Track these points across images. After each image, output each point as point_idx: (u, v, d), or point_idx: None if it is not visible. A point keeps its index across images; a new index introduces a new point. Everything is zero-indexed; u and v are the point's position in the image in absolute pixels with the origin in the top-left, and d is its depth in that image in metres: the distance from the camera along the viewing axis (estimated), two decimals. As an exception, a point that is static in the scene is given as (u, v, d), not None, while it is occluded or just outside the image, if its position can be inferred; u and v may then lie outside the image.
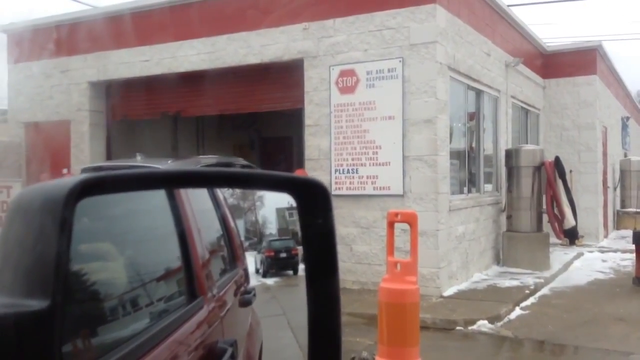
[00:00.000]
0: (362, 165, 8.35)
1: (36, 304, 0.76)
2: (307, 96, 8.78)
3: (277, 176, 1.16)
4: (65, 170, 10.79)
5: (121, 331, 1.05)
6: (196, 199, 1.43)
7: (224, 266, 1.63)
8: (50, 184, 0.91)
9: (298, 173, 7.98)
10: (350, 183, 8.43)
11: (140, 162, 7.69)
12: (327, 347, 1.13)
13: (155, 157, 9.76)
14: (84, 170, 8.01)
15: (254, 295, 1.61)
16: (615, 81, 17.01)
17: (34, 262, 0.80)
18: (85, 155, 10.87)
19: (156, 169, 1.07)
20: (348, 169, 8.45)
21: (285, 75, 9.21)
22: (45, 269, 0.78)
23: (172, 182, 1.15)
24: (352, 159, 8.42)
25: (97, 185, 0.88)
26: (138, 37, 10.27)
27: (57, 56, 11.04)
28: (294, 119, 11.28)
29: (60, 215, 0.80)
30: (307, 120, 8.81)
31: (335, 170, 8.53)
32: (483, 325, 6.55)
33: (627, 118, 19.34)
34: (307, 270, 1.16)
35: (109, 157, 11.25)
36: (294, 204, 1.18)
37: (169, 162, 7.95)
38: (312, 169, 8.67)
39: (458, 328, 6.54)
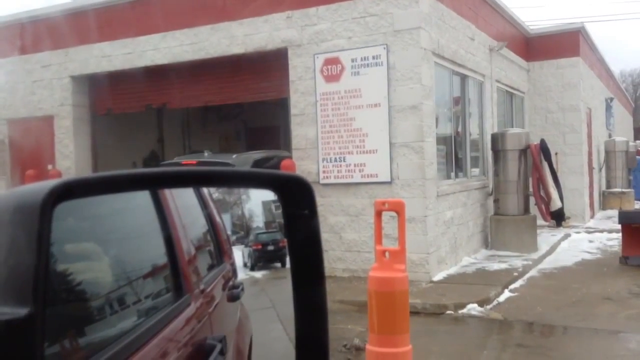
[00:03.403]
0: (349, 153, 8.35)
1: (11, 312, 0.75)
2: (292, 85, 8.74)
3: (259, 173, 1.15)
4: (50, 167, 10.69)
5: (109, 330, 1.05)
6: (181, 195, 1.42)
7: (211, 261, 1.63)
8: (19, 193, 0.89)
9: (285, 164, 7.97)
10: (338, 172, 8.43)
11: (208, 158, 8.23)
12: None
13: (220, 153, 10.09)
14: (162, 166, 8.46)
15: (242, 289, 1.61)
16: (598, 62, 17.11)
17: (7, 274, 0.79)
18: (70, 151, 10.78)
19: (131, 171, 1.04)
20: (335, 158, 8.45)
21: (270, 64, 9.16)
22: (19, 280, 0.77)
23: (149, 184, 1.12)
24: (339, 148, 8.41)
25: (67, 192, 0.87)
26: (120, 30, 10.16)
27: (38, 51, 10.89)
28: (280, 108, 11.27)
29: (37, 227, 0.79)
30: (293, 110, 8.79)
31: (323, 159, 8.53)
32: (473, 308, 6.61)
33: (611, 99, 19.48)
34: (293, 277, 1.14)
35: (94, 152, 11.17)
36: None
37: (233, 156, 8.37)
38: (300, 159, 8.66)
39: (448, 312, 6.60)
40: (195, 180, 1.18)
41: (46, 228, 0.80)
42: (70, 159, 10.75)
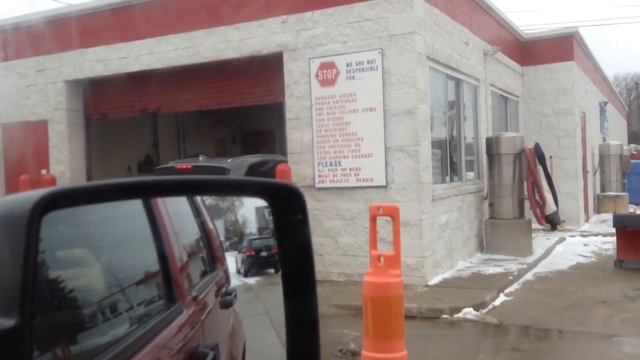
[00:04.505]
0: (344, 157, 8.35)
1: None
2: (288, 89, 8.75)
3: (250, 182, 1.14)
4: (44, 171, 10.65)
5: (101, 338, 1.04)
6: (173, 202, 1.42)
7: (204, 268, 1.62)
8: (5, 204, 0.88)
9: (281, 168, 7.96)
10: (333, 176, 8.43)
11: (203, 162, 8.41)
12: None
13: (216, 157, 10.24)
14: (156, 171, 8.69)
15: (235, 296, 1.61)
16: (592, 67, 17.19)
17: None
18: (64, 155, 10.74)
19: (118, 180, 1.03)
20: (331, 162, 8.45)
21: (265, 69, 9.16)
22: (6, 292, 0.77)
23: (136, 193, 1.10)
24: (335, 152, 8.42)
25: (53, 203, 0.86)
26: (114, 34, 10.15)
27: (32, 55, 10.87)
28: (275, 112, 11.26)
29: (24, 241, 0.78)
30: (288, 114, 8.79)
31: (318, 163, 8.53)
32: (468, 312, 6.61)
33: (605, 103, 19.57)
34: (284, 288, 1.13)
35: (88, 156, 11.13)
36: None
37: (229, 160, 8.51)
38: (295, 163, 8.65)
39: (444, 316, 6.60)
40: (184, 189, 1.17)
41: (33, 240, 0.80)
42: (65, 164, 10.72)
